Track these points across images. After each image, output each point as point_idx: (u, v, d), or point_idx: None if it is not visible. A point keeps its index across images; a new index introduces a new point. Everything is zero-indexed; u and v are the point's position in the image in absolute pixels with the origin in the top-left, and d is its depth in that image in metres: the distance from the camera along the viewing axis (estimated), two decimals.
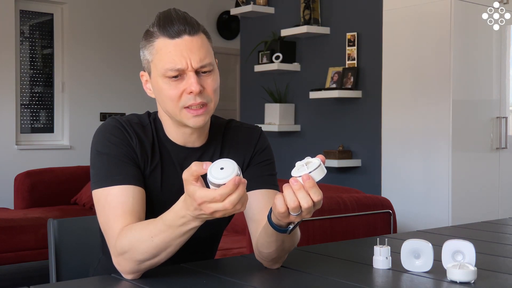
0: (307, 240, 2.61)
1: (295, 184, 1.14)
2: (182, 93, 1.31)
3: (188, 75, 1.30)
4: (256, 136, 1.49)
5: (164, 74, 1.31)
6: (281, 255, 1.35)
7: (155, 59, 1.33)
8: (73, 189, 4.91)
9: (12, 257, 3.74)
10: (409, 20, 3.88)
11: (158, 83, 1.33)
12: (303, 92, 4.84)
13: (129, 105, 5.72)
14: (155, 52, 1.32)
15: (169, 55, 1.30)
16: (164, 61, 1.30)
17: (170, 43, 1.30)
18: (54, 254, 1.65)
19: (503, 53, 3.98)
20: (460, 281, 1.26)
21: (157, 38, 1.32)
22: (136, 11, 5.87)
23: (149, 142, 1.39)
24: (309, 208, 1.14)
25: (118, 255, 1.25)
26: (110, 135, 1.35)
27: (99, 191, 1.32)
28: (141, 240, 1.21)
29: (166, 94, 1.32)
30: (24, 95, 5.55)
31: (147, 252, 1.21)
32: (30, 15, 5.60)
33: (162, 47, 1.31)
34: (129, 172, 1.32)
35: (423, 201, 3.77)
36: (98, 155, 1.35)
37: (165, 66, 1.30)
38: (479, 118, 3.86)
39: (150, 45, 1.33)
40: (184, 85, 1.31)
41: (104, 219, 1.30)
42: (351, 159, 4.49)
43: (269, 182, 1.45)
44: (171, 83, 1.31)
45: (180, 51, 1.30)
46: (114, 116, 1.41)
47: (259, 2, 5.14)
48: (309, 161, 1.16)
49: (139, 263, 1.24)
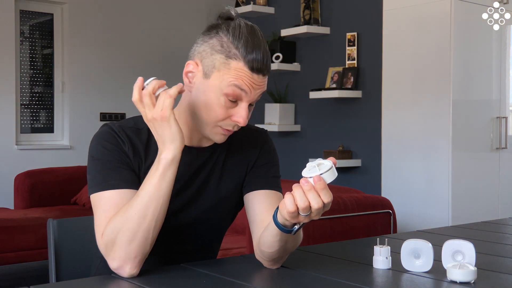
0: (307, 240, 2.60)
1: (306, 184, 1.14)
2: (227, 117, 1.33)
3: (243, 105, 1.32)
4: (262, 138, 1.51)
5: (226, 91, 1.31)
6: (282, 255, 1.35)
7: (223, 71, 1.31)
8: (73, 189, 4.91)
9: (12, 257, 3.74)
10: (409, 20, 3.88)
11: (211, 93, 1.32)
12: (303, 92, 4.84)
13: (129, 105, 5.68)
14: (229, 67, 1.30)
15: (241, 82, 1.30)
16: (234, 82, 1.30)
17: (247, 73, 1.30)
18: (54, 254, 1.65)
19: (503, 53, 3.98)
20: (460, 281, 1.26)
21: (237, 59, 1.30)
22: (136, 11, 5.87)
23: (142, 144, 1.39)
24: (319, 209, 1.15)
25: (109, 247, 1.26)
26: (104, 142, 1.37)
27: (95, 195, 1.34)
28: (123, 219, 1.25)
29: (214, 109, 1.32)
30: (24, 95, 5.55)
31: (132, 226, 1.24)
32: (30, 15, 5.60)
33: (239, 69, 1.30)
34: (123, 176, 1.34)
35: (423, 201, 3.77)
36: (93, 161, 1.36)
37: (234, 83, 1.30)
38: (479, 118, 3.86)
39: (226, 59, 1.30)
40: (234, 112, 1.32)
41: (98, 222, 1.32)
42: (351, 159, 4.49)
43: (273, 184, 1.46)
44: (225, 103, 1.31)
45: (252, 85, 1.30)
46: (107, 123, 1.42)
47: (259, 2, 5.15)
48: (321, 163, 1.17)
49: (128, 244, 1.25)
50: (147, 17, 5.91)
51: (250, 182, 1.45)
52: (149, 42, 5.88)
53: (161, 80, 1.29)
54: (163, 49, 5.87)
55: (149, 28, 5.90)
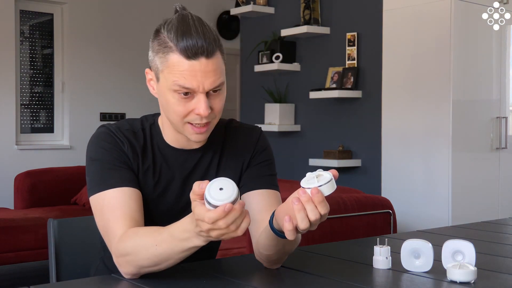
0: (307, 240, 2.60)
1: (303, 196, 1.12)
2: (189, 112, 1.29)
3: (199, 96, 1.27)
4: (256, 137, 1.49)
5: (173, 89, 1.28)
6: (281, 257, 1.36)
7: (165, 71, 1.28)
8: (73, 189, 4.91)
9: (12, 257, 3.74)
10: (409, 20, 3.88)
11: (166, 95, 1.30)
12: (303, 92, 4.84)
13: (129, 105, 5.72)
14: (167, 65, 1.27)
15: (182, 74, 1.25)
16: (175, 76, 1.26)
17: (185, 63, 1.25)
18: (54, 254, 1.65)
19: (503, 53, 3.98)
20: (460, 281, 1.26)
21: (171, 52, 1.26)
22: (136, 11, 5.87)
23: (139, 146, 1.39)
24: (316, 220, 1.13)
25: (120, 256, 1.26)
26: (102, 142, 1.36)
27: (96, 196, 1.33)
28: (145, 246, 1.21)
29: (173, 108, 1.30)
30: (24, 95, 5.55)
31: (149, 259, 1.21)
32: (30, 15, 5.60)
33: (176, 63, 1.26)
34: (123, 175, 1.33)
35: (423, 201, 3.77)
36: (91, 162, 1.36)
37: (176, 82, 1.26)
38: (479, 118, 3.86)
39: (163, 56, 1.28)
40: (193, 105, 1.28)
41: (104, 222, 1.31)
42: (351, 159, 4.49)
43: (269, 183, 1.45)
44: (180, 100, 1.28)
45: (194, 73, 1.25)
46: (104, 124, 1.42)
47: (259, 2, 5.14)
48: (320, 174, 1.15)
49: (139, 268, 1.24)
50: (147, 17, 5.91)
51: (246, 183, 1.44)
52: (149, 42, 5.88)
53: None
54: None
55: (149, 28, 5.88)
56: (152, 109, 1.47)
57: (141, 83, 6.04)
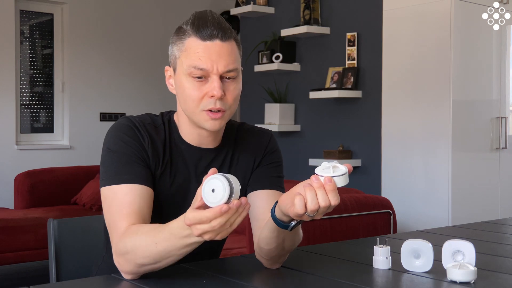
0: (307, 240, 2.60)
1: (316, 181, 1.14)
2: (204, 96, 1.32)
3: (212, 78, 1.32)
4: (266, 139, 1.52)
5: (189, 72, 1.32)
6: (281, 253, 1.36)
7: (182, 56, 1.34)
8: (73, 189, 4.91)
9: (12, 257, 3.73)
10: (409, 20, 3.88)
11: (182, 81, 1.35)
12: (303, 92, 4.84)
13: (129, 105, 5.72)
14: (184, 49, 1.34)
15: (197, 55, 1.31)
16: (191, 59, 1.32)
17: (200, 44, 1.32)
18: (54, 254, 1.65)
19: (503, 53, 3.98)
20: (460, 281, 1.26)
21: (188, 37, 1.33)
22: (136, 11, 5.87)
23: (161, 143, 1.40)
24: (325, 207, 1.14)
25: (120, 254, 1.26)
26: (122, 134, 1.36)
27: (107, 188, 1.33)
28: (145, 244, 1.21)
29: (188, 94, 1.33)
30: (24, 95, 5.55)
31: (149, 257, 1.21)
32: (30, 15, 5.60)
33: (191, 46, 1.32)
34: (138, 172, 1.33)
35: (423, 201, 3.77)
36: (108, 153, 1.35)
37: (191, 64, 1.31)
38: (479, 118, 3.86)
39: (180, 42, 1.35)
40: (207, 88, 1.32)
41: (110, 217, 1.31)
42: (351, 159, 4.49)
43: (276, 184, 1.47)
44: (194, 83, 1.33)
45: (209, 53, 1.31)
46: (127, 116, 1.43)
47: (259, 2, 5.15)
48: (336, 166, 1.16)
49: (139, 266, 1.24)
50: (148, 17, 5.91)
51: (253, 182, 1.46)
52: (149, 42, 5.88)
53: None
54: (163, 49, 5.87)
55: (149, 28, 5.90)
56: (152, 109, 1.47)
57: (141, 83, 6.06)
